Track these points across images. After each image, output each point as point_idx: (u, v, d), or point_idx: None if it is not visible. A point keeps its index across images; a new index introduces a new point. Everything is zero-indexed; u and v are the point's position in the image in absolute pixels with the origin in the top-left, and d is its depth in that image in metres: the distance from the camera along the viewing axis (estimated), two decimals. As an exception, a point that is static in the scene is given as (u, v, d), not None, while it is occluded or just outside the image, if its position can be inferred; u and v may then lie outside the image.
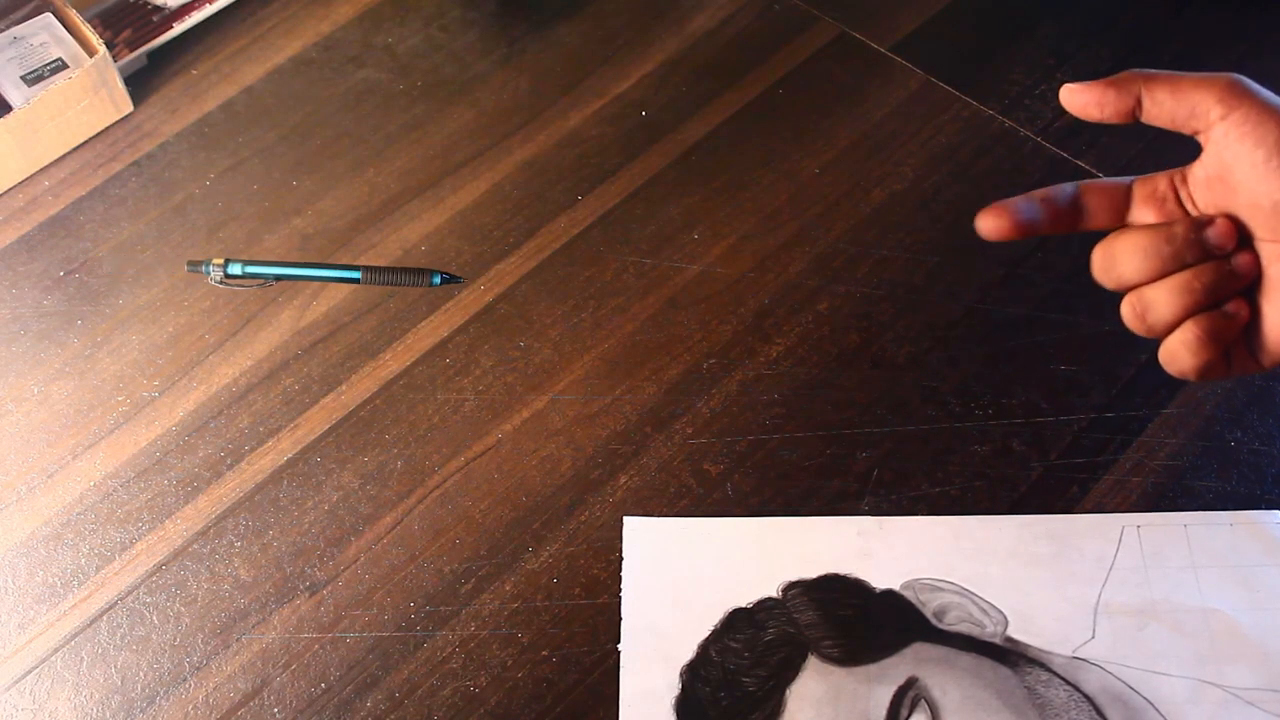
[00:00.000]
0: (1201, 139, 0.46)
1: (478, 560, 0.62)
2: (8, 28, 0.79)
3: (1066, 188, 0.48)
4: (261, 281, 0.69)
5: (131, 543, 0.63)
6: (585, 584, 0.61)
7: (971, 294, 0.70)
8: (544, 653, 0.59)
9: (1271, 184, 0.44)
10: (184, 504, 0.64)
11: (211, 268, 0.70)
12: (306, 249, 0.73)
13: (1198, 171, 0.46)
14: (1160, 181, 0.48)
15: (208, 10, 0.82)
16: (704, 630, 0.59)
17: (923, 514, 0.62)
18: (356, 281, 0.70)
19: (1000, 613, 0.59)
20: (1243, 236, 0.46)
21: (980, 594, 0.60)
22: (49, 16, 0.79)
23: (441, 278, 0.69)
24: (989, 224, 0.48)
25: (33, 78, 0.77)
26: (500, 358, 0.69)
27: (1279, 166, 0.44)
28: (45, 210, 0.75)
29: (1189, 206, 0.47)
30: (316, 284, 0.71)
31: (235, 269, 0.70)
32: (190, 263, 0.71)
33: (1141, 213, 0.48)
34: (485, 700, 0.58)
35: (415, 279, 0.69)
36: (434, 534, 0.63)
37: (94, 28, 0.77)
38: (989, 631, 0.59)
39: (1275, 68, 0.79)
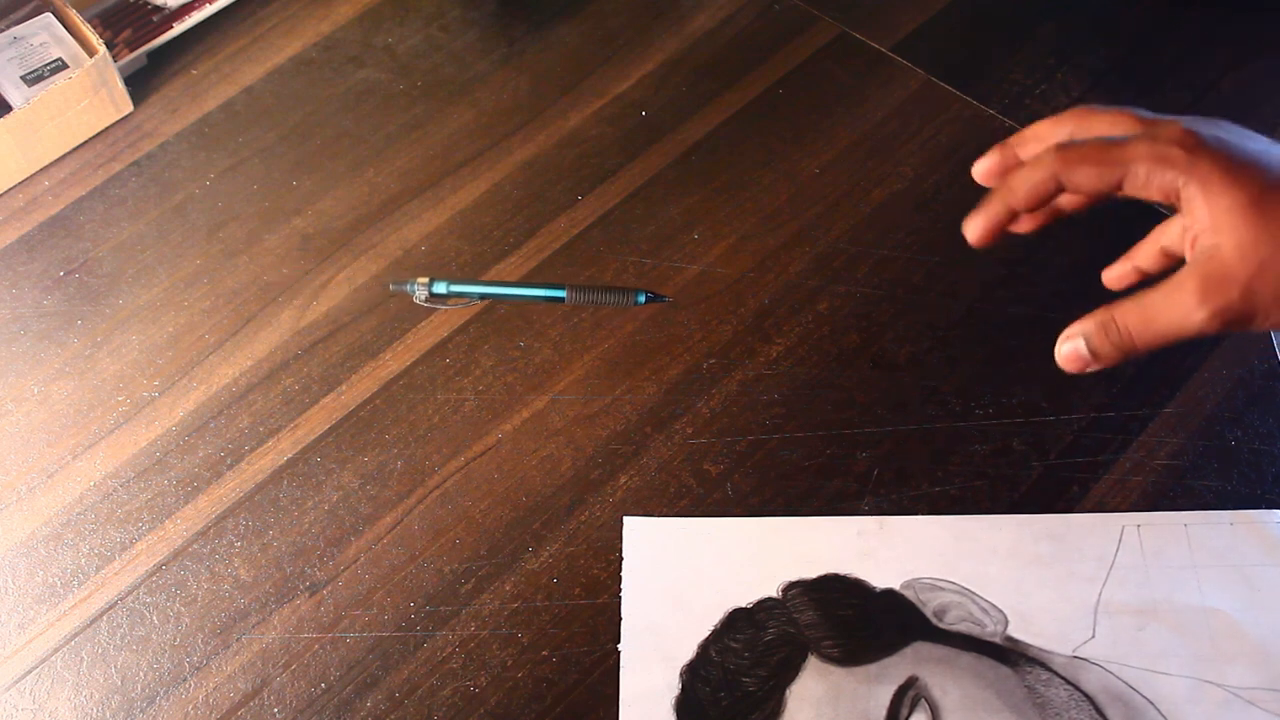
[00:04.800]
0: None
1: (478, 560, 0.62)
2: (8, 28, 0.79)
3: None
4: (466, 301, 0.67)
5: (131, 543, 0.63)
6: (585, 584, 0.61)
7: (971, 294, 0.70)
8: (544, 653, 0.59)
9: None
10: (184, 504, 0.64)
11: (416, 286, 0.69)
12: (306, 249, 0.73)
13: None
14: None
15: (208, 10, 0.82)
16: (704, 630, 0.59)
17: (923, 514, 0.62)
18: (561, 301, 0.69)
19: (1000, 612, 0.59)
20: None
21: (980, 593, 0.60)
22: (49, 16, 0.79)
23: (647, 297, 0.69)
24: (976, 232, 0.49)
25: (33, 78, 0.77)
26: (500, 358, 0.69)
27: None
28: (45, 210, 0.75)
29: None
30: (317, 283, 0.71)
31: (440, 288, 0.69)
32: (394, 282, 0.70)
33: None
34: (485, 700, 0.58)
35: (620, 298, 0.68)
36: (434, 534, 0.63)
37: (94, 28, 0.77)
38: (989, 631, 0.59)
39: (1275, 67, 0.79)
